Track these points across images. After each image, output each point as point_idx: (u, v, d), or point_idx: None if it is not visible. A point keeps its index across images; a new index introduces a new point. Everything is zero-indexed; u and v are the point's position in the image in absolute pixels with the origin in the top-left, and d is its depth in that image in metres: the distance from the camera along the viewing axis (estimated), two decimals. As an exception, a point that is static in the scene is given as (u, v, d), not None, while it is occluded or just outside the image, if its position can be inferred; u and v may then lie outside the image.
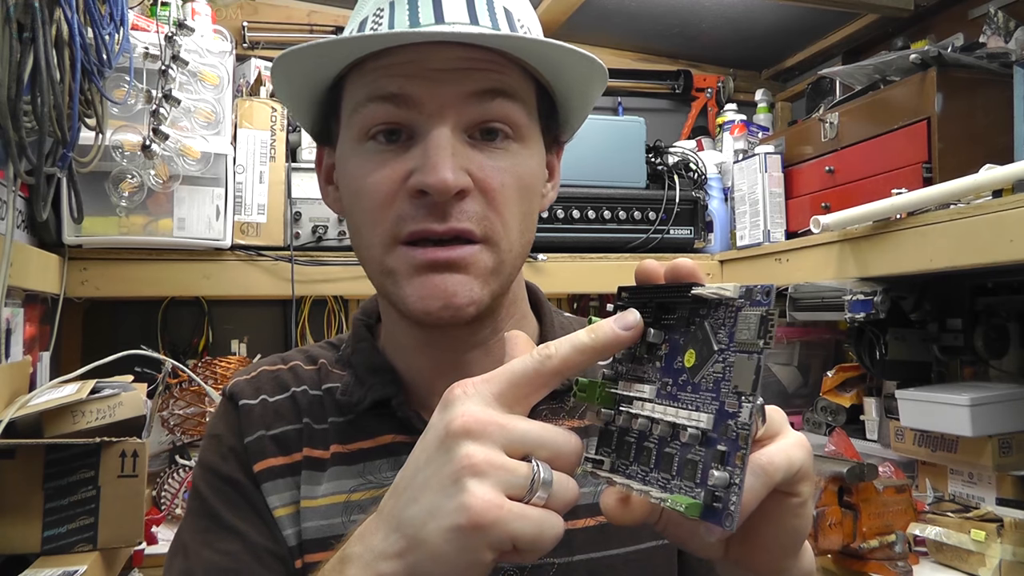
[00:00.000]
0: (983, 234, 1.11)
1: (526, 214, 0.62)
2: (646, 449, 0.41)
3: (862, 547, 1.22)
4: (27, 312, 1.29)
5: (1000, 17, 1.58)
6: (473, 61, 0.58)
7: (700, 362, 0.39)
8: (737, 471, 0.36)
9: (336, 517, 0.63)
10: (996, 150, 1.26)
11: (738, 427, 0.36)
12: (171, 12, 1.51)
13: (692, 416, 0.38)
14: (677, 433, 0.39)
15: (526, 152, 0.62)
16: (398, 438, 0.64)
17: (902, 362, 1.48)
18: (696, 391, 0.39)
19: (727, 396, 0.37)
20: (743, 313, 0.37)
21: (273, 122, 1.61)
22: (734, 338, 0.38)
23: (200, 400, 1.61)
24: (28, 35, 0.97)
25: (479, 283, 0.59)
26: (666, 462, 0.39)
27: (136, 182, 1.40)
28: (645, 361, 0.43)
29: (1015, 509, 1.25)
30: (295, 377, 0.70)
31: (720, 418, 0.37)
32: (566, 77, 0.64)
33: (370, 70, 0.59)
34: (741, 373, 0.37)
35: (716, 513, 0.36)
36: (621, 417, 0.43)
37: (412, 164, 0.58)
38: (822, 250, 1.48)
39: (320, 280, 1.60)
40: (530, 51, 0.60)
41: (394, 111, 0.58)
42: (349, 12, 0.57)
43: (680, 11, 1.99)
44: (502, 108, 0.59)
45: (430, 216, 0.57)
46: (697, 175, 1.88)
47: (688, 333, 0.40)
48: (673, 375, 0.41)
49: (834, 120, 1.60)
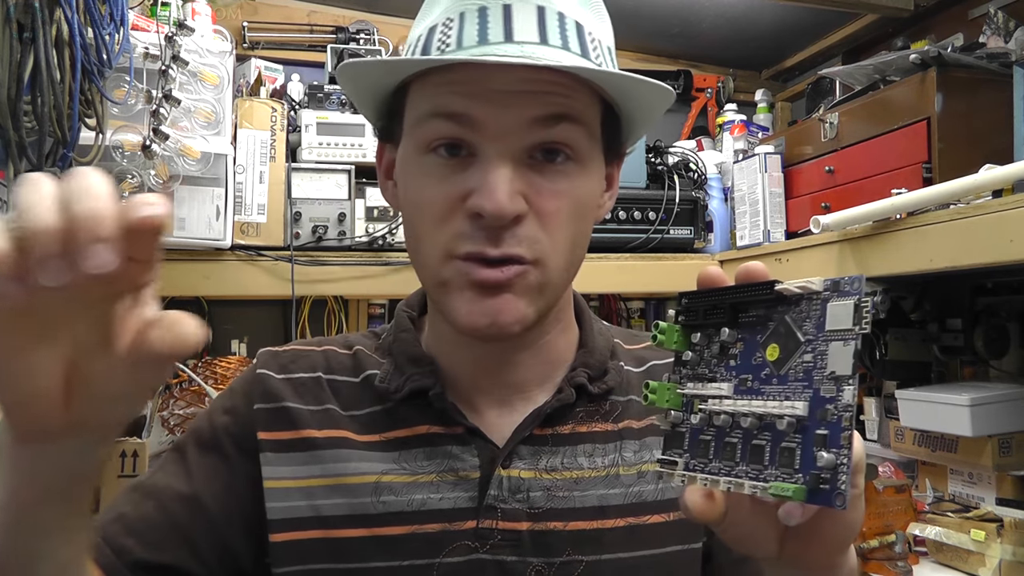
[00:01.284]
0: (983, 234, 1.11)
1: (577, 234, 0.63)
2: (729, 445, 0.41)
3: (862, 547, 1.22)
4: (27, 312, 1.29)
5: (1000, 17, 1.58)
6: (539, 83, 0.58)
7: (785, 355, 0.40)
8: (844, 451, 0.37)
9: (366, 497, 0.63)
10: (996, 150, 1.26)
11: (840, 409, 0.37)
12: (171, 12, 1.51)
13: (784, 405, 0.39)
14: (766, 425, 0.40)
15: (585, 175, 0.62)
16: (433, 428, 0.65)
17: (902, 362, 1.48)
18: (783, 383, 0.40)
19: (822, 383, 0.38)
20: (832, 304, 0.38)
21: (273, 122, 1.61)
22: (823, 328, 0.38)
23: (200, 400, 1.61)
24: (28, 35, 0.97)
25: (525, 302, 0.60)
26: (756, 454, 0.40)
27: (136, 182, 1.40)
28: (714, 363, 0.43)
29: (1015, 509, 1.25)
30: (325, 361, 0.70)
31: (816, 404, 0.38)
32: (635, 101, 0.64)
33: (434, 83, 0.59)
34: (838, 359, 0.38)
35: (825, 494, 0.37)
36: (696, 417, 0.43)
37: (471, 184, 0.58)
38: (822, 250, 1.48)
39: (320, 280, 1.60)
40: (602, 79, 0.60)
41: (456, 128, 0.59)
42: (349, 12, 0.57)
43: (680, 11, 1.99)
44: (564, 132, 0.59)
45: (486, 240, 0.58)
46: (697, 175, 1.88)
47: (766, 330, 0.41)
48: (753, 371, 0.41)
49: (834, 120, 1.60)
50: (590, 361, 0.69)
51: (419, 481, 0.64)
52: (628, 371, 0.72)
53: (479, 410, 0.67)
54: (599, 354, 0.70)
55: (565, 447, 0.66)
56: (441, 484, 0.64)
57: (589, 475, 0.65)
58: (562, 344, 0.70)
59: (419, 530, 0.62)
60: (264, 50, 1.90)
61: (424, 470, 0.64)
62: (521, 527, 0.63)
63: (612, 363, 0.71)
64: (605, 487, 0.65)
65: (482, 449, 0.64)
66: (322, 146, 1.65)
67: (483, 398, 0.68)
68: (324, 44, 1.88)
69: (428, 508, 0.63)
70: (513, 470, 0.64)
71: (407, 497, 0.63)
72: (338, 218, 1.62)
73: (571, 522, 0.64)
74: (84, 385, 0.37)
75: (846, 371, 0.37)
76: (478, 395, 0.68)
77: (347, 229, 1.63)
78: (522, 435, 0.65)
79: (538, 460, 0.65)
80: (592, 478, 0.65)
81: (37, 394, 0.37)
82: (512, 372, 0.67)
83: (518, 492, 0.63)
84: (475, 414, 0.67)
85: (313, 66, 1.94)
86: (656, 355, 0.74)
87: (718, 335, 0.43)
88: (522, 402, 0.67)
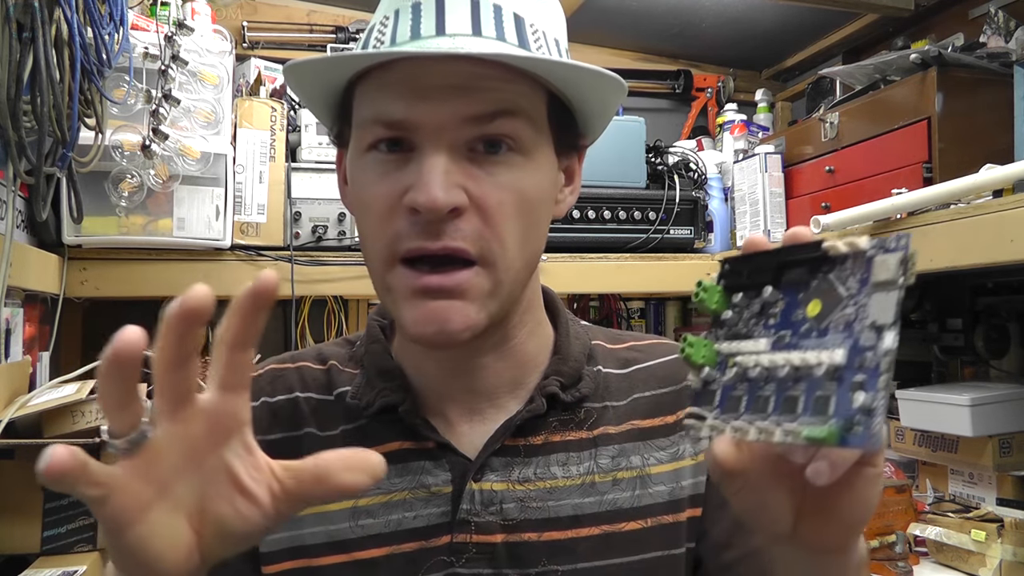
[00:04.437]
0: (983, 234, 1.11)
1: (528, 228, 0.60)
2: (761, 398, 0.41)
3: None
4: (27, 312, 1.29)
5: (1000, 17, 1.58)
6: (474, 77, 0.57)
7: (827, 310, 0.40)
8: (880, 394, 0.36)
9: (344, 523, 0.63)
10: (996, 150, 1.26)
11: (879, 355, 0.37)
12: (171, 12, 1.51)
13: (823, 355, 0.39)
14: (802, 376, 0.40)
15: (531, 166, 0.60)
16: (405, 445, 0.65)
17: (902, 362, 1.48)
18: (823, 335, 0.40)
19: (862, 332, 0.38)
20: (878, 259, 0.39)
21: (273, 122, 1.61)
22: (867, 282, 0.39)
23: (200, 400, 1.61)
24: (28, 35, 0.97)
25: (475, 308, 0.58)
26: (788, 405, 0.40)
27: (136, 182, 1.40)
28: (752, 322, 0.43)
29: (1015, 509, 1.25)
30: (301, 379, 0.69)
31: (855, 352, 0.38)
32: (579, 89, 0.63)
33: (374, 85, 0.59)
34: (880, 307, 0.38)
35: (858, 436, 0.36)
36: (730, 372, 0.43)
37: (409, 180, 0.57)
38: (822, 250, 1.48)
39: (320, 280, 1.60)
40: (535, 67, 0.59)
41: (394, 131, 0.59)
42: (348, 12, 0.57)
43: (680, 11, 1.99)
44: (503, 127, 0.58)
45: (424, 234, 0.57)
46: (697, 175, 1.88)
47: (808, 288, 0.41)
48: (793, 327, 0.41)
49: (834, 120, 1.60)
50: (563, 368, 0.67)
51: (393, 500, 0.63)
52: (608, 374, 0.70)
53: (450, 421, 0.66)
54: (573, 360, 0.68)
55: (538, 457, 0.65)
56: (414, 501, 0.63)
57: (563, 484, 0.64)
58: (532, 347, 0.68)
59: (397, 550, 0.62)
60: (264, 50, 1.90)
61: (396, 487, 0.63)
62: (495, 539, 0.62)
63: (587, 369, 0.69)
64: (580, 496, 0.64)
65: (454, 463, 0.64)
66: (322, 146, 1.65)
67: (453, 408, 0.66)
68: (324, 44, 1.88)
69: (404, 528, 0.62)
70: (485, 483, 0.63)
71: (384, 518, 0.63)
72: (338, 218, 1.62)
73: (545, 532, 0.63)
74: (215, 531, 0.40)
75: (887, 319, 0.38)
76: (448, 405, 0.66)
77: (347, 229, 1.63)
78: (493, 447, 0.64)
79: (510, 472, 0.64)
80: (566, 487, 0.64)
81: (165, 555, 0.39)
82: (479, 378, 0.66)
83: (491, 504, 0.63)
84: (446, 426, 0.66)
85: (313, 66, 1.93)
86: (642, 357, 0.72)
87: (759, 295, 0.43)
88: (493, 410, 0.66)
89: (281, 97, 1.71)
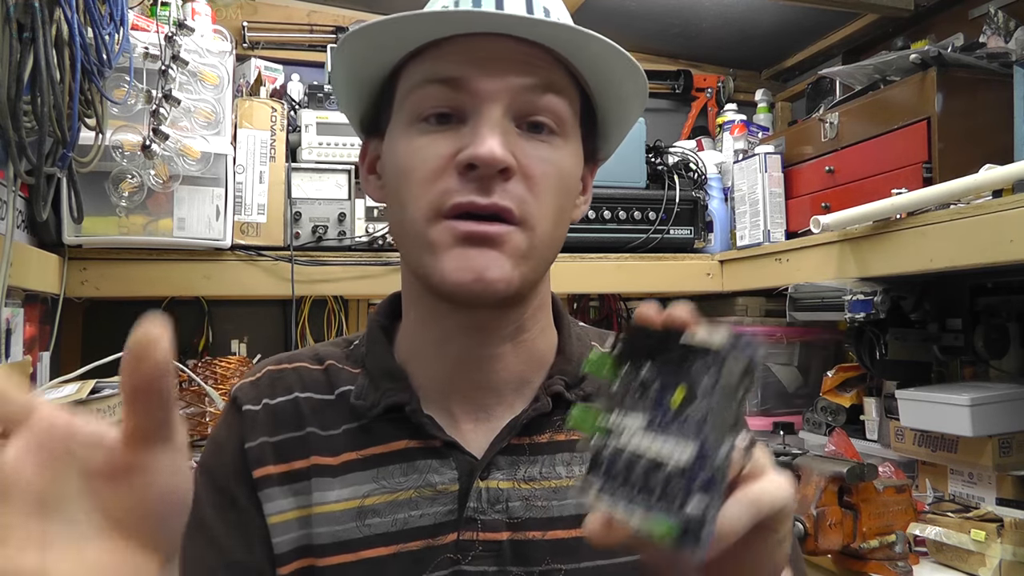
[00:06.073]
0: (983, 234, 1.11)
1: (561, 207, 0.64)
2: (633, 478, 0.43)
3: (862, 547, 1.22)
4: (27, 312, 1.29)
5: (1000, 17, 1.58)
6: (526, 54, 0.61)
7: (687, 402, 0.42)
8: (716, 501, 0.39)
9: (350, 522, 0.63)
10: (996, 150, 1.26)
11: (717, 461, 0.40)
12: (171, 12, 1.51)
13: (675, 452, 0.41)
14: (660, 464, 0.42)
15: (567, 149, 0.64)
16: (411, 443, 0.65)
17: (902, 362, 1.48)
18: (681, 426, 0.42)
19: (709, 434, 0.40)
20: (729, 360, 0.41)
21: (273, 122, 1.61)
22: (719, 382, 0.41)
23: (200, 400, 1.61)
24: (28, 35, 0.97)
25: (511, 262, 0.60)
26: (649, 491, 0.42)
27: (136, 182, 1.40)
28: (636, 397, 0.46)
29: (1015, 509, 1.25)
30: (299, 380, 0.69)
31: (700, 454, 0.40)
32: (609, 83, 0.66)
33: (428, 57, 0.63)
34: (725, 411, 0.40)
35: (688, 540, 0.38)
36: (612, 445, 0.45)
37: (463, 142, 0.60)
38: (822, 250, 1.48)
39: (320, 280, 1.60)
40: (576, 42, 0.62)
41: (449, 93, 0.61)
42: (349, 12, 0.57)
43: (680, 11, 1.99)
44: (551, 102, 0.62)
45: (476, 190, 0.59)
46: (697, 175, 1.88)
47: (679, 372, 0.44)
48: (663, 412, 0.43)
49: (834, 120, 1.60)
50: (567, 368, 0.69)
51: (399, 499, 0.63)
52: None
53: (456, 420, 0.67)
54: (576, 361, 0.70)
55: (543, 456, 0.66)
56: (420, 500, 0.63)
57: (568, 484, 0.65)
58: (541, 346, 0.70)
59: (403, 549, 0.62)
60: (264, 50, 1.90)
61: (402, 486, 0.64)
62: (501, 537, 0.63)
63: None
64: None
65: (460, 462, 0.64)
66: (322, 146, 1.65)
67: (458, 406, 0.67)
68: (324, 44, 1.88)
69: (411, 526, 0.63)
70: (492, 481, 0.64)
71: (390, 517, 0.63)
72: (338, 218, 1.62)
73: (550, 531, 0.64)
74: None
75: (728, 425, 0.40)
76: (453, 403, 0.67)
77: (347, 229, 1.63)
78: (500, 446, 0.65)
79: (516, 470, 0.65)
80: (570, 486, 0.65)
81: None
82: (491, 371, 0.67)
83: (497, 503, 0.64)
84: (452, 425, 0.66)
85: (313, 66, 1.94)
86: None
87: (641, 372, 0.45)
88: (499, 409, 0.67)
89: (281, 97, 1.71)
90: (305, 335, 1.86)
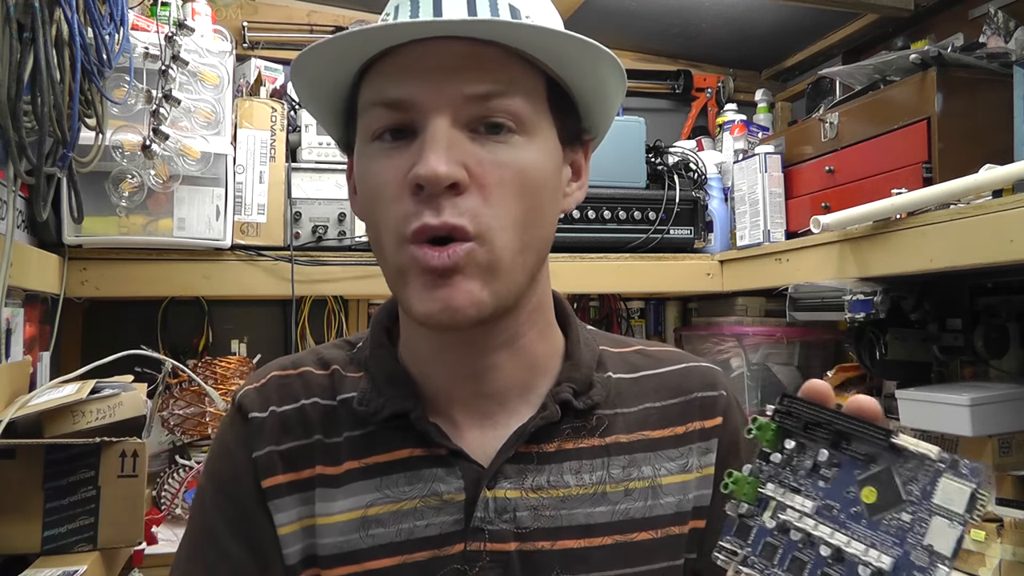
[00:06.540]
0: (983, 234, 1.11)
1: (529, 210, 0.60)
2: (798, 561, 0.41)
3: (862, 547, 1.22)
4: (27, 312, 1.29)
5: (1000, 17, 1.58)
6: (471, 58, 0.58)
7: (882, 504, 0.40)
8: None
9: (353, 533, 0.62)
10: (996, 150, 1.26)
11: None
12: (171, 12, 1.51)
13: (871, 553, 0.39)
14: (845, 562, 0.40)
15: (533, 147, 0.60)
16: (415, 452, 0.64)
17: (902, 362, 1.48)
18: (873, 529, 0.40)
19: (915, 549, 0.38)
20: (945, 479, 0.39)
21: (273, 122, 1.61)
22: (930, 498, 0.39)
23: (200, 400, 1.61)
24: (28, 35, 0.97)
25: (478, 284, 0.58)
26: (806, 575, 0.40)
27: (136, 182, 1.40)
28: (802, 475, 0.43)
29: (1015, 509, 1.25)
30: (305, 386, 0.68)
31: (902, 566, 0.38)
32: (572, 67, 0.63)
33: (375, 74, 0.60)
34: (939, 534, 0.38)
35: None
36: (772, 521, 0.43)
37: (413, 160, 0.57)
38: (822, 250, 1.48)
39: (320, 280, 1.61)
40: (523, 39, 0.59)
41: (396, 115, 0.59)
42: (348, 12, 0.58)
43: (680, 11, 1.99)
44: (503, 104, 0.59)
45: (427, 210, 0.57)
46: (697, 175, 1.88)
47: (867, 470, 0.41)
48: (843, 503, 0.41)
49: (834, 120, 1.60)
50: (575, 375, 0.67)
51: (403, 508, 0.62)
52: (619, 379, 0.70)
53: (461, 428, 0.65)
54: (585, 367, 0.68)
55: (551, 465, 0.64)
56: (425, 510, 0.62)
57: (576, 493, 0.64)
58: (543, 349, 0.68)
59: (408, 559, 0.61)
60: (264, 50, 1.90)
61: (407, 496, 0.63)
62: (509, 547, 0.62)
63: (598, 375, 0.68)
64: (592, 505, 0.64)
65: (466, 471, 0.63)
66: (322, 146, 1.65)
67: (464, 413, 0.66)
68: (324, 44, 1.88)
69: (416, 536, 0.62)
70: (499, 490, 0.62)
71: (395, 527, 0.62)
72: (338, 218, 1.62)
73: (558, 541, 0.62)
74: None
75: (946, 551, 0.38)
76: (458, 410, 0.66)
77: (347, 229, 1.63)
78: (507, 455, 0.63)
79: (524, 479, 0.63)
80: (579, 496, 0.64)
81: None
82: (490, 380, 0.65)
83: (504, 512, 0.62)
84: (457, 433, 0.65)
85: (313, 66, 1.93)
86: (651, 364, 0.72)
87: (814, 453, 0.43)
88: (504, 415, 0.66)
89: (281, 97, 1.71)
90: (305, 335, 1.86)
